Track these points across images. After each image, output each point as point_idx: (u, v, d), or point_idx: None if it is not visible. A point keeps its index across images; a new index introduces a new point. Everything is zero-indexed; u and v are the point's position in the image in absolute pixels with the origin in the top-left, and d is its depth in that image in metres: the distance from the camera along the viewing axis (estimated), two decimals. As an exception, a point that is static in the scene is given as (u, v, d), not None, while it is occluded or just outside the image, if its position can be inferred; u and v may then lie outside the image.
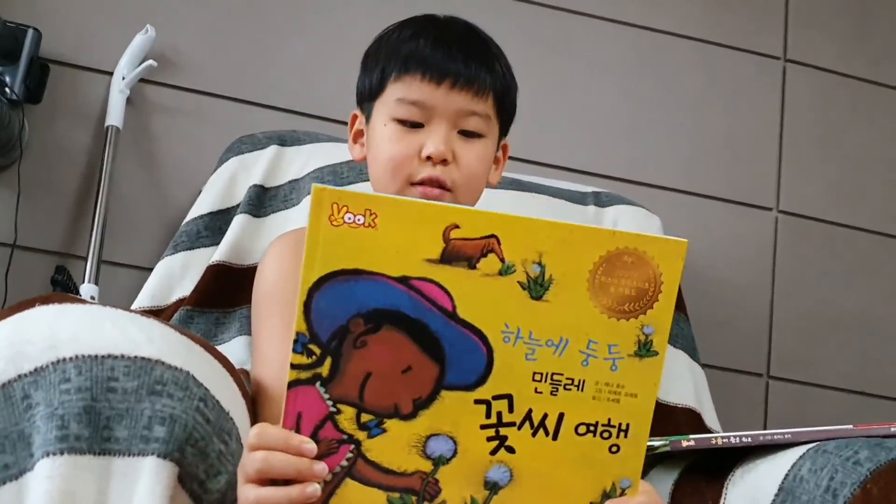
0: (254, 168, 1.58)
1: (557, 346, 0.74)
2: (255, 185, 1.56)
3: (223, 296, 1.44)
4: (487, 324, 0.74)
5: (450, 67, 1.10)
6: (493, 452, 0.76)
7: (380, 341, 0.73)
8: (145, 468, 0.73)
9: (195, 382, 0.78)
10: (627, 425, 0.76)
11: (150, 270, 1.51)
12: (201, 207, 1.55)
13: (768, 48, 2.08)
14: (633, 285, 0.74)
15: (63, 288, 1.55)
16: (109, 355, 0.76)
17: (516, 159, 1.86)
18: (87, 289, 1.55)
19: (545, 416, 0.75)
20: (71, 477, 0.72)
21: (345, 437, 0.74)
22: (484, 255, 0.73)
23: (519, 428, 0.75)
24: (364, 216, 0.72)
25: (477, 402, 0.74)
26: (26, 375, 0.76)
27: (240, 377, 0.94)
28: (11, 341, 0.77)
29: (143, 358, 0.77)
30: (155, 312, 1.45)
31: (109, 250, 1.62)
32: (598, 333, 0.74)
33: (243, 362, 1.32)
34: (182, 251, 1.52)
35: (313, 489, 0.72)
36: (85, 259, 1.58)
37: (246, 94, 1.79)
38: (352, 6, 1.87)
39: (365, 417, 0.75)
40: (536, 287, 0.73)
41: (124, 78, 1.68)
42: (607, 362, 0.75)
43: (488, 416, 0.75)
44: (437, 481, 0.76)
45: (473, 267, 0.73)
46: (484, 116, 1.13)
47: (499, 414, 0.75)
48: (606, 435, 0.76)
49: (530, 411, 0.75)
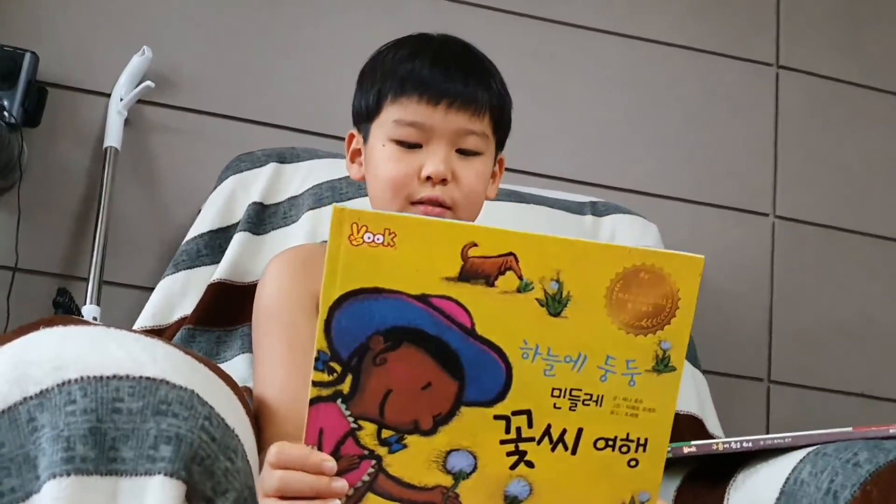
0: (253, 186, 1.59)
1: (576, 362, 0.75)
2: (255, 203, 1.57)
3: (224, 314, 1.45)
4: (506, 340, 0.74)
5: (447, 88, 1.10)
6: (513, 467, 0.76)
7: (399, 358, 0.74)
8: (152, 487, 0.74)
9: (200, 401, 0.79)
10: (646, 440, 0.76)
11: (152, 290, 1.52)
12: (201, 226, 1.56)
13: (761, 55, 2.10)
14: (650, 301, 0.75)
15: (65, 310, 1.55)
16: (114, 376, 0.77)
17: (513, 171, 1.87)
18: (89, 310, 1.55)
19: (564, 431, 0.76)
20: (78, 498, 0.73)
21: (366, 453, 0.75)
22: (502, 273, 0.73)
23: (538, 443, 0.76)
24: (383, 235, 0.73)
25: (496, 418, 0.75)
26: (31, 398, 0.76)
27: (243, 395, 0.94)
28: (16, 364, 0.78)
29: (148, 378, 0.77)
30: (157, 332, 1.45)
31: (110, 271, 1.62)
32: (616, 349, 0.75)
33: (246, 380, 1.32)
34: (183, 270, 1.53)
35: None
36: (86, 280, 1.59)
37: (244, 113, 1.80)
38: (348, 22, 1.88)
39: (386, 433, 0.75)
40: (554, 304, 0.74)
41: (122, 99, 1.69)
42: (625, 377, 0.75)
43: (508, 432, 0.75)
44: (458, 496, 0.77)
45: (492, 284, 0.73)
46: (481, 135, 1.14)
47: (518, 429, 0.75)
48: (625, 449, 0.76)
49: (549, 426, 0.75)
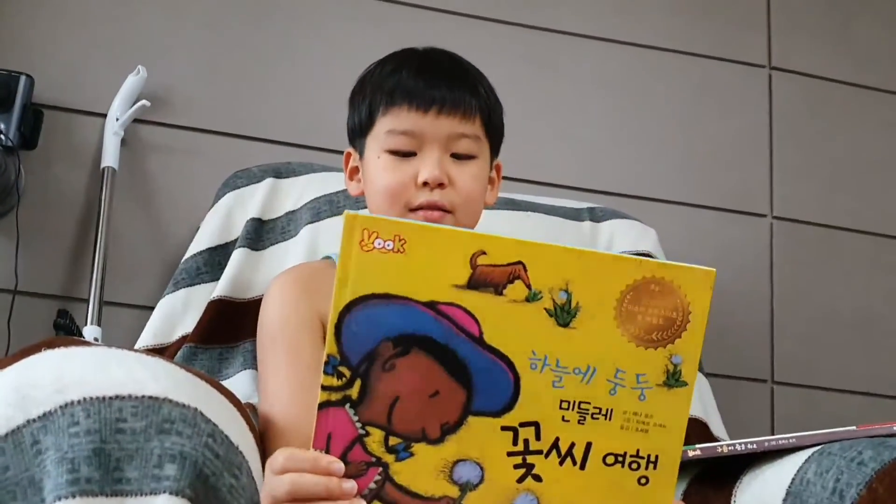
0: (250, 202, 1.59)
1: (585, 374, 0.73)
2: (253, 219, 1.57)
3: (225, 331, 1.45)
4: (514, 350, 0.74)
5: (434, 94, 1.12)
6: (520, 480, 0.75)
7: (408, 365, 0.74)
8: (158, 506, 0.74)
9: (203, 419, 0.79)
10: (657, 457, 0.74)
11: (152, 309, 1.52)
12: (200, 244, 1.56)
13: (753, 57, 2.10)
14: (661, 314, 0.74)
15: (66, 331, 1.56)
16: (117, 396, 0.77)
17: (510, 179, 1.87)
18: (90, 330, 1.55)
19: (572, 445, 0.74)
20: (84, 519, 0.73)
21: (373, 460, 0.75)
22: (510, 282, 0.73)
23: (546, 456, 0.75)
24: (393, 242, 0.72)
25: (504, 429, 0.74)
26: (35, 420, 0.76)
27: (246, 411, 0.94)
28: (18, 387, 0.78)
29: (151, 397, 0.78)
30: (158, 351, 1.45)
31: (110, 291, 1.62)
32: (626, 362, 0.74)
33: (248, 396, 1.32)
34: (183, 288, 1.53)
35: None
36: (86, 301, 1.59)
37: (239, 129, 1.80)
38: (339, 36, 1.88)
39: (393, 440, 0.75)
40: (563, 314, 0.73)
41: (118, 119, 1.69)
42: (635, 391, 0.74)
43: (515, 444, 0.74)
44: None
45: (500, 293, 0.73)
46: (474, 137, 1.15)
47: (525, 441, 0.74)
48: (635, 466, 0.75)
49: (557, 440, 0.74)
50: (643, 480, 0.75)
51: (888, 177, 2.12)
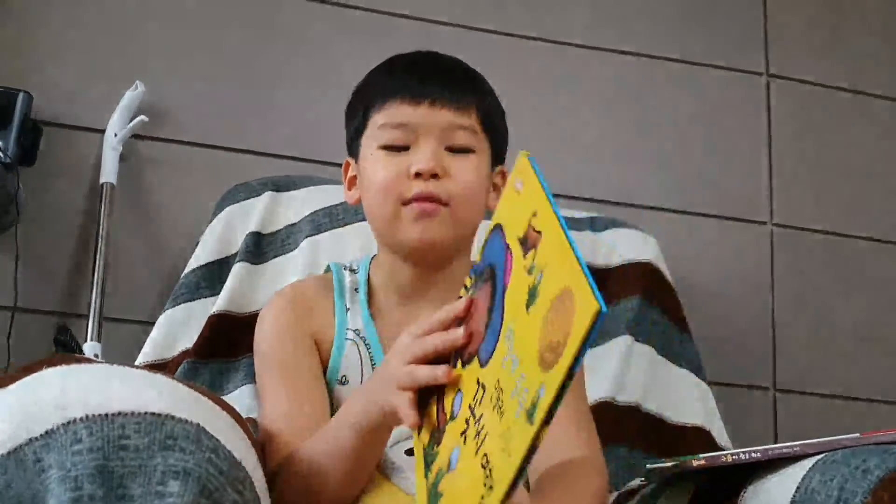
0: (250, 215, 1.59)
1: (514, 363, 0.69)
2: (252, 233, 1.57)
3: (226, 346, 1.45)
4: (509, 314, 0.73)
5: (426, 88, 1.11)
6: (462, 434, 0.75)
7: (484, 291, 0.79)
8: (162, 523, 0.74)
9: (206, 434, 0.79)
10: (495, 483, 0.66)
11: (152, 325, 1.52)
12: (200, 258, 1.56)
13: (750, 65, 2.11)
14: (562, 331, 0.63)
15: (66, 348, 1.55)
16: (119, 413, 0.77)
17: (509, 190, 1.87)
18: (91, 347, 1.55)
19: (482, 428, 0.71)
20: (87, 537, 0.73)
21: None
22: (534, 247, 0.71)
23: (476, 423, 0.73)
24: (523, 183, 0.77)
25: (477, 382, 0.75)
26: (37, 439, 0.76)
27: (248, 427, 0.94)
28: (21, 406, 0.78)
29: (153, 413, 0.77)
30: (159, 366, 1.45)
31: (110, 307, 1.62)
32: (529, 372, 0.66)
33: (250, 410, 1.32)
34: (183, 303, 1.52)
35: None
36: (86, 317, 1.59)
37: (238, 143, 1.81)
38: (338, 49, 1.89)
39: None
40: (531, 296, 0.70)
41: (116, 135, 1.69)
42: (515, 407, 0.67)
43: (474, 398, 0.74)
44: (444, 434, 0.77)
45: (526, 253, 0.72)
46: (470, 130, 1.13)
47: (479, 399, 0.74)
48: (488, 473, 0.69)
49: (482, 415, 0.72)
50: (488, 488, 0.68)
51: (888, 182, 2.12)
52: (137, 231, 1.73)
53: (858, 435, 0.98)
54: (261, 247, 1.57)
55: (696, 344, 1.71)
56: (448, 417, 0.78)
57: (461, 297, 0.85)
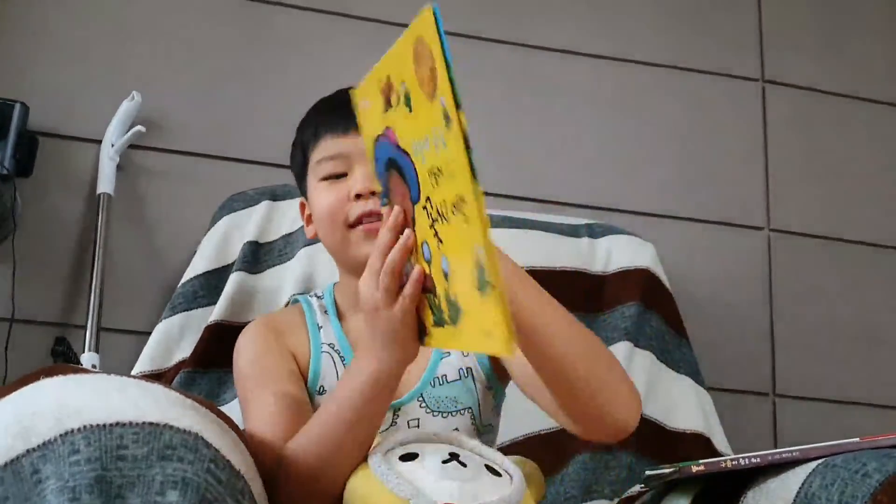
0: (247, 225, 1.59)
1: (426, 143, 0.81)
2: (250, 242, 1.57)
3: (223, 355, 1.44)
4: (407, 142, 0.84)
5: (351, 119, 1.15)
6: (439, 242, 0.83)
7: (394, 181, 0.89)
8: (160, 534, 0.73)
9: (204, 444, 0.78)
10: (463, 196, 0.77)
11: (150, 334, 1.51)
12: (197, 268, 1.56)
13: (745, 70, 2.11)
14: (426, 66, 0.80)
15: (64, 358, 1.55)
16: (117, 423, 0.76)
17: (507, 196, 1.88)
18: (88, 357, 1.55)
19: (440, 204, 0.81)
20: (85, 548, 0.72)
21: None
22: (389, 94, 0.86)
23: (440, 219, 0.82)
24: (369, 100, 0.92)
25: (423, 209, 0.84)
26: (34, 450, 0.75)
27: (245, 436, 0.94)
28: (18, 416, 0.77)
29: (151, 423, 0.77)
30: (156, 376, 1.45)
31: (108, 317, 1.62)
32: (432, 121, 0.78)
33: (248, 420, 1.32)
34: (180, 313, 1.52)
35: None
36: (84, 328, 1.58)
37: (235, 152, 1.81)
38: (332, 58, 1.89)
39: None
40: (406, 102, 0.83)
41: (113, 145, 1.69)
42: (438, 144, 0.79)
43: (429, 217, 0.83)
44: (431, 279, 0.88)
45: (388, 106, 0.87)
46: None
47: (431, 210, 0.83)
48: (456, 208, 0.79)
49: (434, 204, 0.82)
50: (465, 219, 0.78)
51: (883, 186, 2.12)
52: (135, 241, 1.73)
53: (858, 439, 0.98)
54: (258, 256, 1.57)
55: (695, 349, 1.71)
56: (427, 266, 0.87)
57: (386, 210, 0.92)
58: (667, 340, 1.66)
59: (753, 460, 1.00)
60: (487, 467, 0.98)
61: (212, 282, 1.55)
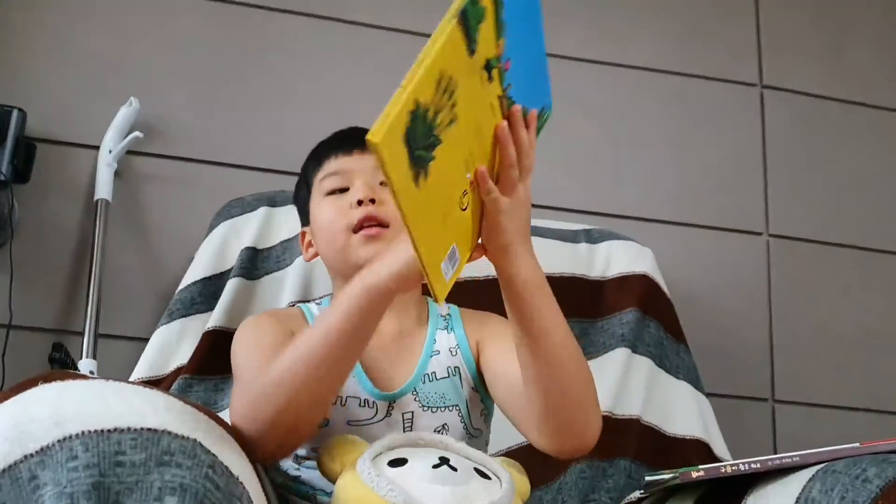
0: (245, 231, 1.59)
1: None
2: (247, 248, 1.56)
3: (221, 361, 1.44)
4: None
5: (356, 141, 1.23)
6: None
7: None
8: (159, 540, 0.73)
9: (203, 450, 0.78)
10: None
11: (147, 341, 1.51)
12: (194, 274, 1.56)
13: (744, 76, 2.12)
14: None
15: (61, 365, 1.55)
16: (115, 429, 0.76)
17: (504, 203, 1.87)
18: (86, 364, 1.54)
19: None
20: (83, 555, 0.72)
21: None
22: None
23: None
24: None
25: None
26: (32, 455, 0.75)
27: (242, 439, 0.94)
28: (16, 422, 0.77)
29: (149, 429, 0.77)
30: (154, 382, 1.45)
31: (105, 324, 1.61)
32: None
33: (247, 426, 1.31)
34: (178, 319, 1.52)
35: None
36: (81, 334, 1.58)
37: (232, 158, 1.80)
38: (330, 64, 1.89)
39: None
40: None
41: (111, 151, 1.69)
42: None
43: None
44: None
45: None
46: None
47: None
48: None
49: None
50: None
51: (882, 192, 2.12)
52: (132, 247, 1.72)
53: (858, 445, 0.98)
54: (256, 262, 1.57)
55: (694, 355, 1.70)
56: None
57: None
58: (665, 346, 1.66)
59: (753, 466, 1.00)
60: (477, 471, 0.97)
61: (209, 288, 1.55)
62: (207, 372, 1.46)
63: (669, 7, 2.12)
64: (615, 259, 1.70)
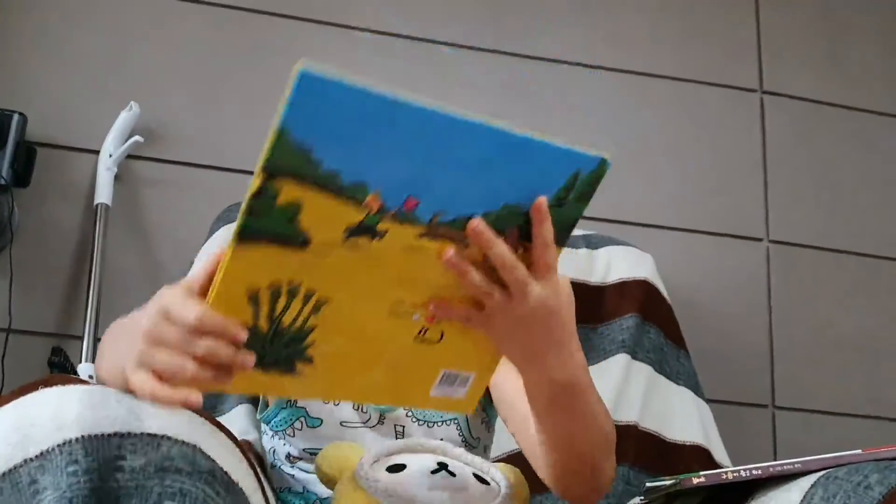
0: (245, 235, 1.58)
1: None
2: (248, 253, 1.56)
3: (221, 365, 1.44)
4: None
5: None
6: None
7: None
8: (158, 545, 0.73)
9: (203, 455, 0.78)
10: None
11: (148, 345, 1.51)
12: (195, 278, 1.55)
13: (744, 81, 2.12)
14: None
15: (61, 369, 1.54)
16: (115, 434, 0.76)
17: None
18: (85, 368, 1.54)
19: None
20: (82, 560, 0.72)
21: None
22: None
23: None
24: None
25: None
26: (32, 460, 0.75)
27: (244, 448, 0.93)
28: (16, 426, 0.77)
29: (150, 434, 0.77)
30: (154, 387, 1.44)
31: (105, 328, 1.61)
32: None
33: (245, 432, 1.31)
34: (177, 323, 1.51)
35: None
36: (81, 338, 1.58)
37: (233, 162, 1.80)
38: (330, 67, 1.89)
39: None
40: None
41: (111, 155, 1.69)
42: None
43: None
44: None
45: None
46: None
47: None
48: None
49: None
50: None
51: (883, 198, 2.12)
52: (132, 251, 1.72)
53: (860, 451, 0.97)
54: (256, 267, 1.56)
55: (694, 361, 1.70)
56: None
57: None
58: (665, 352, 1.66)
59: (755, 472, 1.00)
60: (475, 476, 0.97)
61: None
62: (207, 376, 1.45)
63: (669, 12, 2.12)
64: (615, 264, 1.70)
